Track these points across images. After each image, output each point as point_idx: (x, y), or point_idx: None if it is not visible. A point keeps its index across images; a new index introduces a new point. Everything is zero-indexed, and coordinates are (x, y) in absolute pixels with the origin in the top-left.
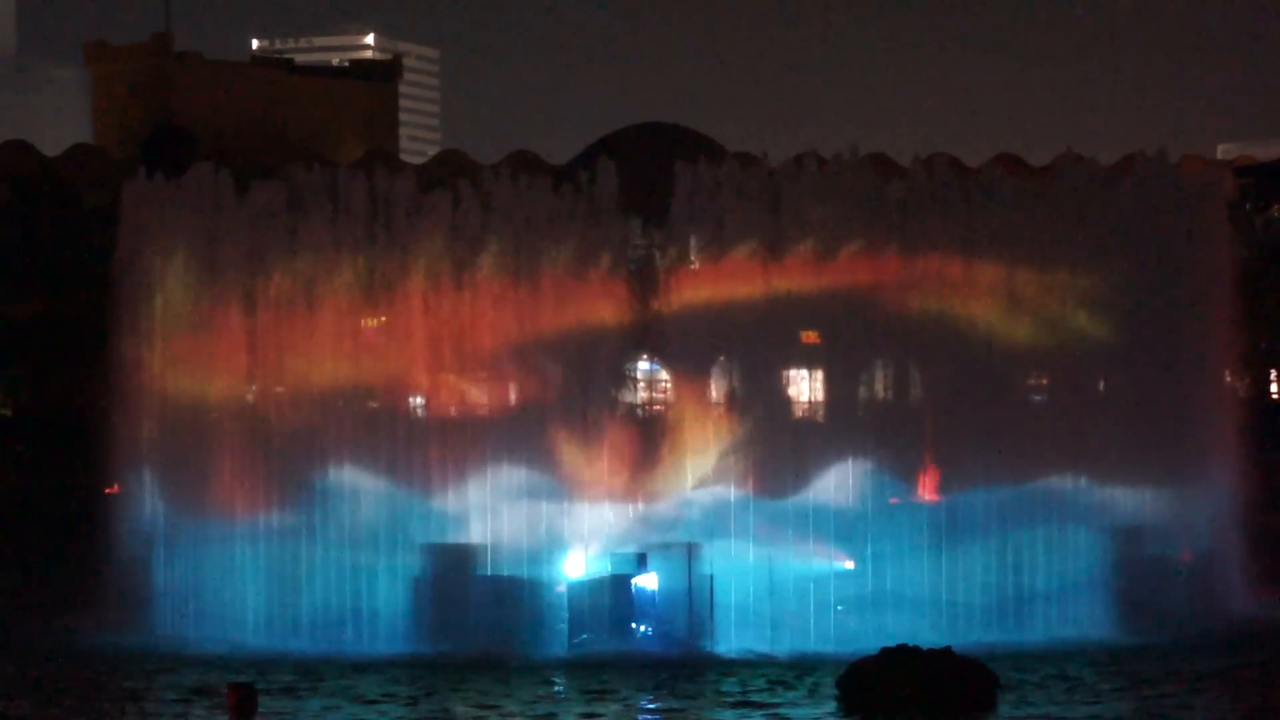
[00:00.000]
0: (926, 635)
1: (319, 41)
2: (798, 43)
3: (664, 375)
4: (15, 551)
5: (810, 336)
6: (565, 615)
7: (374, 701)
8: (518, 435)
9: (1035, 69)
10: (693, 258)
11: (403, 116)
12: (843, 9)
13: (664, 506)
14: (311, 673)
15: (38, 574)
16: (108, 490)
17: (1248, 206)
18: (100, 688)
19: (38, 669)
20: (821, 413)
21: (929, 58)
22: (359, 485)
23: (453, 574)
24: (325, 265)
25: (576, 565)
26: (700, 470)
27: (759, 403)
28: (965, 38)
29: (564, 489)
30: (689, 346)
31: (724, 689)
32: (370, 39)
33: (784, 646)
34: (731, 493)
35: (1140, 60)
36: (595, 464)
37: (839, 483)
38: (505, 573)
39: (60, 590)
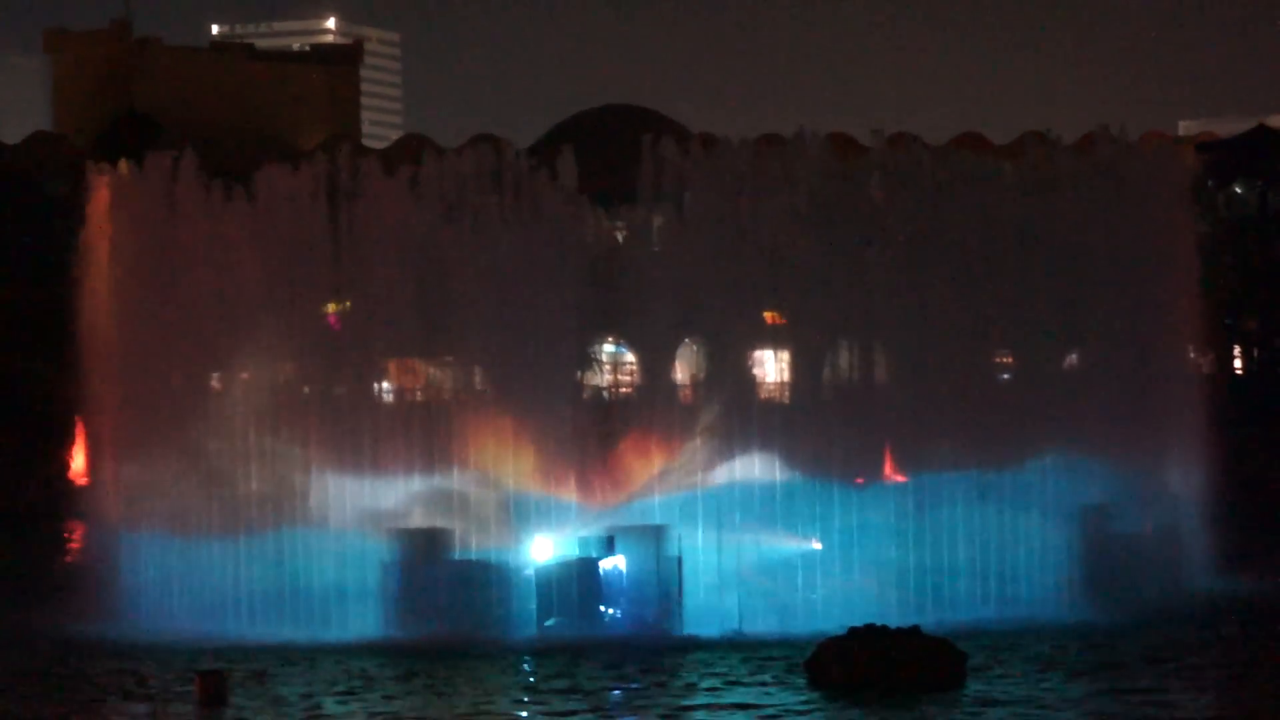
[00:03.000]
0: (895, 614)
1: (279, 26)
2: (760, 23)
3: (629, 357)
4: None
5: (774, 317)
6: (533, 599)
7: (345, 688)
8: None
9: (995, 46)
10: (655, 239)
11: (365, 100)
12: None
13: None
14: (281, 658)
15: (5, 565)
16: (73, 479)
17: (1209, 183)
18: (75, 678)
19: (13, 660)
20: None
21: (888, 36)
22: (326, 471)
23: (421, 558)
24: (284, 253)
25: (544, 549)
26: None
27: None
28: (924, 15)
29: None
30: (654, 328)
31: (692, 670)
32: (331, 23)
33: (753, 627)
34: None
35: (1101, 37)
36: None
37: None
38: (474, 556)
39: (29, 581)
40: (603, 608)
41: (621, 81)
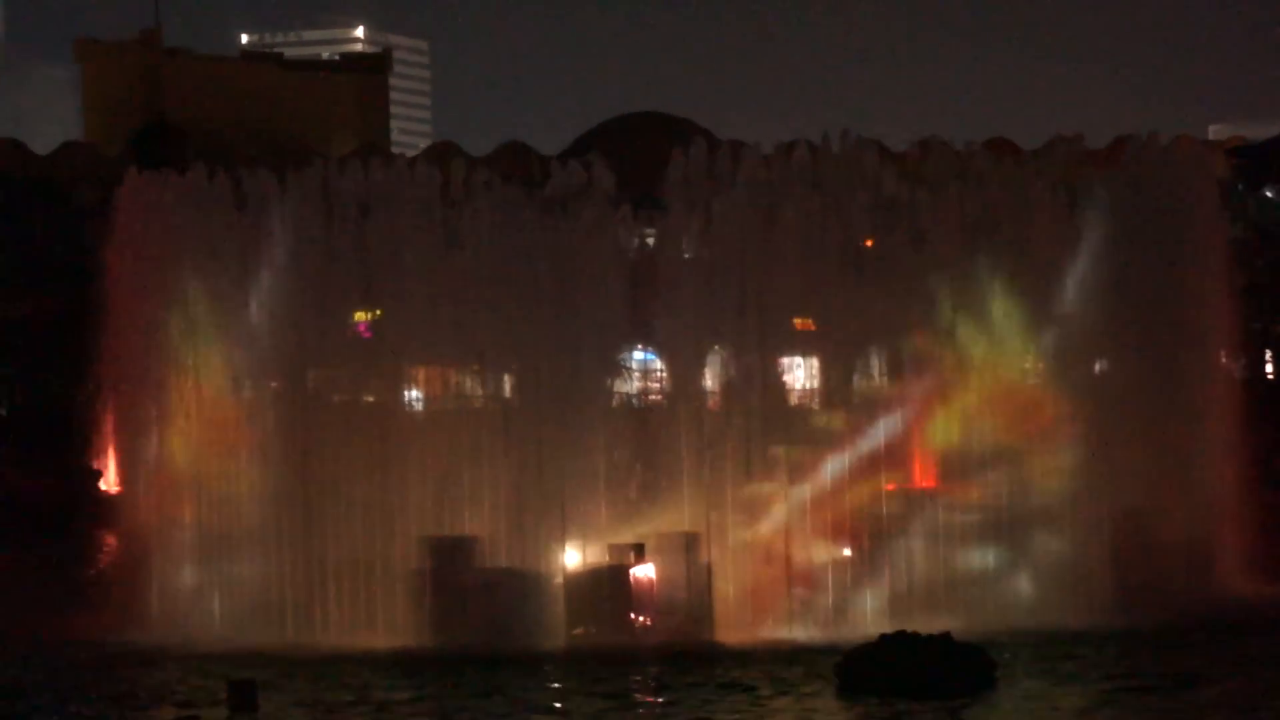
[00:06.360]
0: (925, 620)
1: (308, 35)
2: (788, 30)
3: (658, 365)
4: (7, 551)
5: (805, 323)
6: (562, 607)
7: (378, 697)
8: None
9: (1025, 51)
10: (686, 246)
11: (394, 109)
12: None
13: None
14: (310, 667)
15: (30, 574)
16: (101, 488)
17: (1240, 187)
18: (98, 688)
19: (35, 671)
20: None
21: (918, 42)
22: (353, 480)
23: (451, 566)
24: (310, 260)
25: (574, 556)
26: None
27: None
28: (954, 21)
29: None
30: (683, 335)
31: (723, 677)
32: (360, 32)
33: (784, 634)
34: None
35: (1132, 42)
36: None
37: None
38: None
39: (54, 590)
40: (632, 615)
41: (649, 88)
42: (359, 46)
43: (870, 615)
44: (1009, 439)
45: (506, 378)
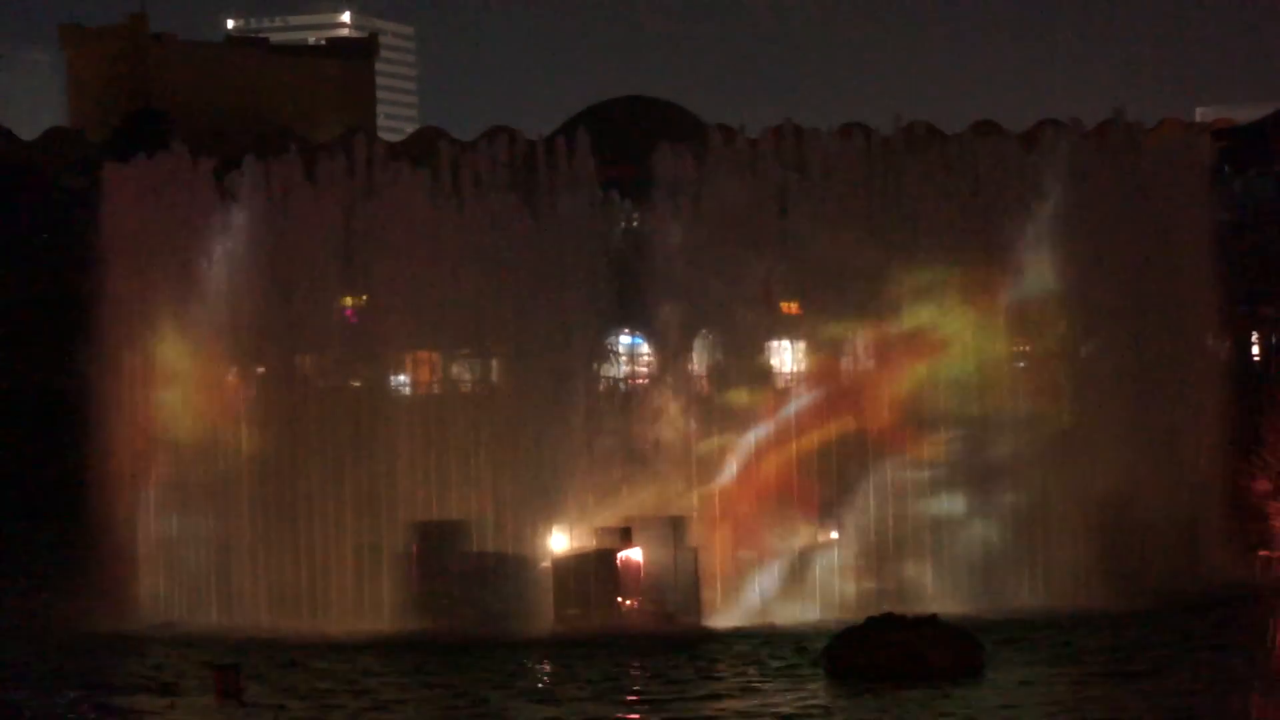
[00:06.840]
0: (912, 603)
1: (295, 20)
2: (774, 13)
3: (645, 349)
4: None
5: (790, 307)
6: (551, 591)
7: (363, 682)
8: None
9: (1011, 33)
10: (674, 230)
11: (380, 94)
12: None
13: None
14: (297, 652)
15: (22, 556)
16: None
17: (1226, 170)
18: (90, 671)
19: (29, 653)
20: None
21: (904, 24)
22: (344, 463)
23: (440, 551)
24: (302, 244)
25: (561, 540)
26: None
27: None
28: (942, 2)
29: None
30: (671, 319)
31: (709, 661)
32: (346, 17)
33: (771, 617)
34: None
35: (1118, 23)
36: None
37: None
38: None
39: (45, 573)
40: (620, 599)
41: (636, 73)
42: (345, 32)
43: (853, 595)
44: (997, 417)
45: (494, 363)
